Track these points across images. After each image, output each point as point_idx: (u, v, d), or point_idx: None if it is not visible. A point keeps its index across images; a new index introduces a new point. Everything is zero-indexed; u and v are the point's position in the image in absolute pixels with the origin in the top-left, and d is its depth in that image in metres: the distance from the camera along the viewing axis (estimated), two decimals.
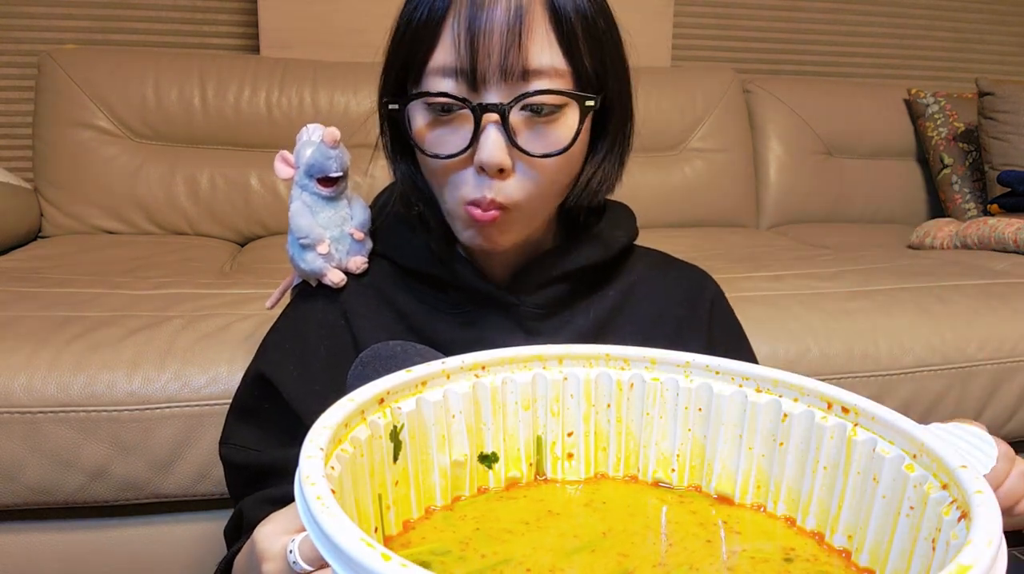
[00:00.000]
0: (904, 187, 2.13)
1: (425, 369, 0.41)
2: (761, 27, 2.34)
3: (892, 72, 2.48)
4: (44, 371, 0.89)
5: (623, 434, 0.46)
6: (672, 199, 1.90)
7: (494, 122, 0.54)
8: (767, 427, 0.43)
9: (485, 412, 0.44)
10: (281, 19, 1.80)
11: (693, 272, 0.73)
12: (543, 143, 0.55)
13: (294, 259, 0.65)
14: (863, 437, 0.39)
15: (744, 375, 0.44)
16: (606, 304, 0.66)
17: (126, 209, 1.60)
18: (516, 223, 0.58)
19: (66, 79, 1.60)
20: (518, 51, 0.53)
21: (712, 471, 0.44)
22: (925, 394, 1.15)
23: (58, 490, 0.91)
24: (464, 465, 0.43)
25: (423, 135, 0.57)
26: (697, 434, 0.45)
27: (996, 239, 1.61)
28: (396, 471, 0.40)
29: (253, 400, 0.66)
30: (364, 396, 0.38)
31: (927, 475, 0.35)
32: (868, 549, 0.38)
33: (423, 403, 0.41)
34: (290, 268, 0.69)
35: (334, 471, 0.33)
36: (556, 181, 0.58)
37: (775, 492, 0.42)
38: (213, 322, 0.99)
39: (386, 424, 0.39)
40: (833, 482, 0.40)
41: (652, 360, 0.45)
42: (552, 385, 0.45)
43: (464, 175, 0.56)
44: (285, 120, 1.67)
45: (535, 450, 0.45)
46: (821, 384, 0.42)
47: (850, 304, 1.19)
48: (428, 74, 0.55)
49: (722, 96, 1.98)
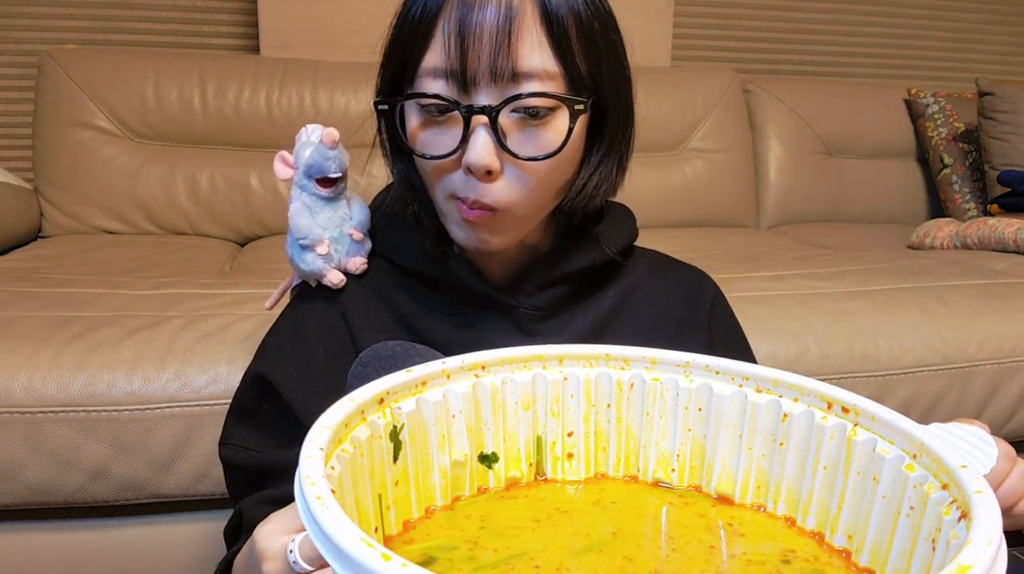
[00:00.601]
0: (904, 187, 2.13)
1: (425, 369, 0.42)
2: (761, 27, 2.34)
3: (892, 72, 2.48)
4: (44, 371, 0.89)
5: (623, 434, 0.46)
6: (672, 199, 1.90)
7: (483, 124, 0.54)
8: (767, 427, 0.43)
9: (485, 412, 0.44)
10: (281, 19, 1.80)
11: (693, 273, 0.73)
12: (533, 146, 0.55)
13: (293, 260, 0.65)
14: (863, 437, 0.39)
15: (744, 375, 0.44)
16: (605, 305, 0.66)
17: (126, 209, 1.60)
18: (506, 224, 0.58)
19: (66, 79, 1.60)
20: (508, 53, 0.52)
21: (712, 471, 0.44)
22: (925, 394, 1.15)
23: (58, 490, 0.91)
24: (464, 465, 0.43)
25: (415, 135, 0.57)
26: (697, 434, 0.45)
27: (996, 239, 1.61)
28: (396, 471, 0.40)
29: (252, 401, 0.66)
30: (364, 396, 0.38)
31: (927, 475, 0.35)
32: (868, 549, 0.38)
33: (423, 403, 0.41)
34: (290, 269, 0.69)
35: (334, 471, 0.33)
36: (547, 184, 0.58)
37: (775, 492, 0.42)
38: (213, 322, 0.99)
39: (386, 424, 0.39)
40: (833, 482, 0.40)
41: (652, 360, 0.45)
42: (552, 385, 0.45)
43: (455, 175, 0.57)
44: (285, 120, 1.67)
45: (535, 450, 0.46)
46: (821, 384, 0.42)
47: (850, 304, 1.19)
48: (421, 75, 0.55)
49: (722, 96, 1.98)
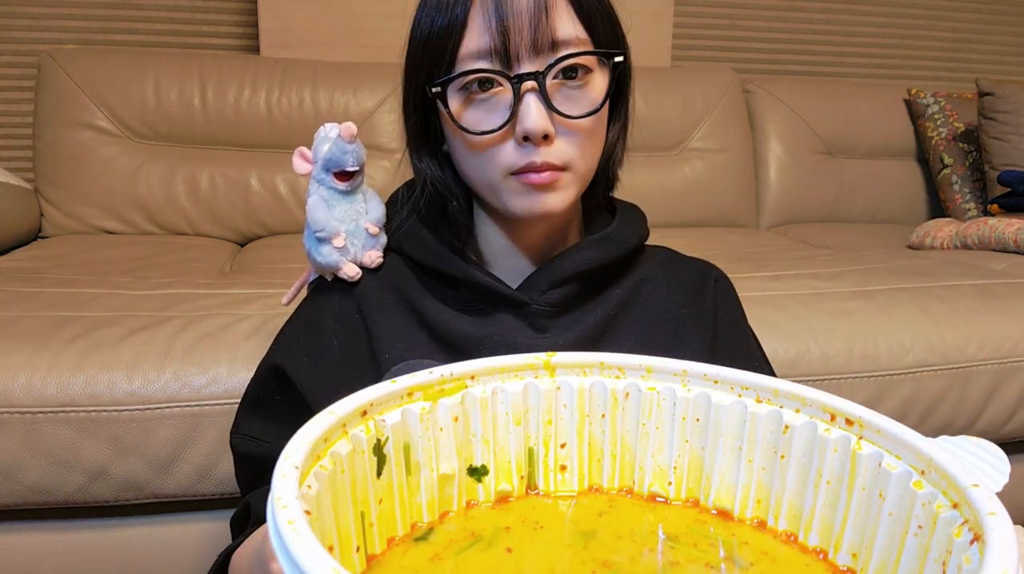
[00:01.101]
0: (904, 187, 2.13)
1: (411, 379, 0.40)
2: (761, 27, 2.34)
3: (892, 72, 2.48)
4: (44, 371, 0.89)
5: (618, 446, 0.44)
6: (672, 199, 1.90)
7: (532, 90, 0.57)
8: (768, 439, 0.41)
9: (475, 423, 0.42)
10: (281, 19, 1.80)
11: (699, 264, 0.74)
12: (578, 105, 0.60)
13: (310, 253, 0.66)
14: (868, 451, 0.37)
15: (744, 384, 0.42)
16: (613, 302, 0.67)
17: (126, 209, 1.60)
18: (570, 185, 0.61)
19: (66, 79, 1.60)
20: (546, 24, 0.57)
21: (711, 485, 0.43)
22: (925, 394, 1.15)
23: (58, 490, 0.91)
24: (452, 479, 0.41)
25: (460, 117, 0.60)
26: (695, 446, 0.43)
27: (996, 239, 1.61)
28: (380, 487, 0.38)
29: (265, 391, 0.67)
30: (346, 408, 0.36)
31: (936, 493, 0.34)
32: (874, 569, 0.36)
33: (409, 415, 0.39)
34: (305, 266, 0.71)
35: (311, 490, 0.31)
36: (594, 144, 0.63)
37: (776, 507, 0.41)
38: (213, 322, 0.99)
39: (369, 438, 0.37)
40: (836, 497, 0.38)
41: (648, 368, 0.44)
42: (544, 395, 0.44)
43: (506, 150, 0.59)
44: (285, 120, 1.66)
45: (527, 462, 0.44)
46: (824, 394, 0.40)
47: (850, 304, 1.19)
48: (461, 59, 0.59)
49: (722, 96, 1.99)
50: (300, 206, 1.66)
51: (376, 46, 1.85)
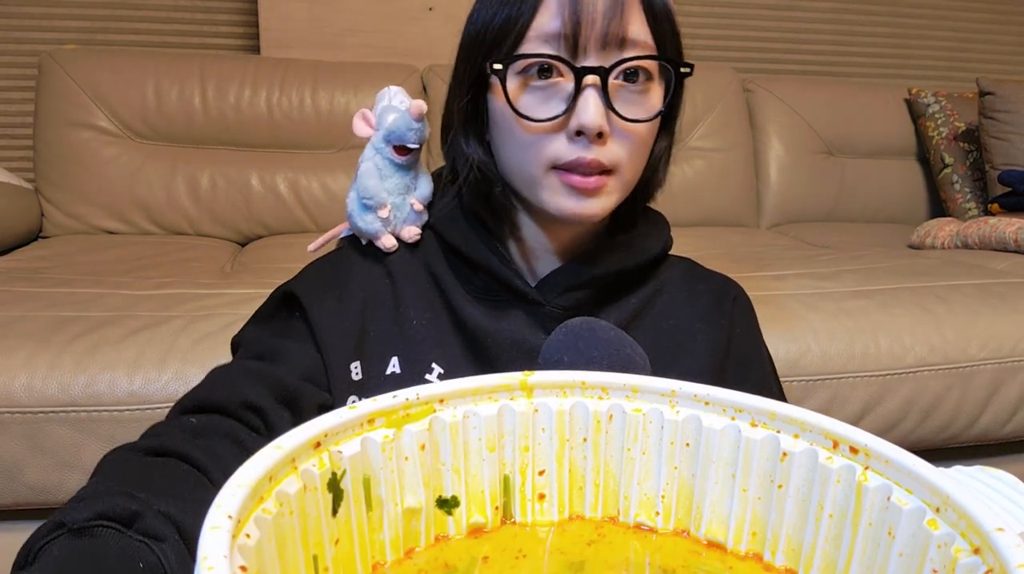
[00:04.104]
0: (905, 187, 2.13)
1: (372, 405, 0.36)
2: (761, 27, 2.34)
3: (892, 72, 2.48)
4: (45, 371, 0.89)
5: (601, 473, 0.40)
6: (672, 198, 1.88)
7: (593, 85, 0.56)
8: (764, 466, 0.38)
9: (444, 451, 0.38)
10: (281, 19, 1.80)
11: (720, 279, 0.73)
12: (636, 109, 0.58)
13: (352, 215, 0.66)
14: (875, 483, 0.33)
15: (737, 406, 0.38)
16: (628, 310, 0.67)
17: (126, 209, 1.60)
18: (614, 191, 0.60)
19: (66, 79, 1.60)
20: (620, 20, 0.56)
21: (701, 515, 0.39)
22: (925, 394, 1.15)
23: (58, 490, 0.91)
24: (419, 512, 0.37)
25: (516, 101, 0.58)
26: (684, 473, 0.39)
27: (997, 239, 1.61)
28: (336, 526, 0.34)
29: (273, 309, 0.66)
30: (294, 442, 0.31)
31: (954, 535, 0.30)
32: None
33: (369, 444, 0.35)
34: (342, 218, 0.70)
35: (250, 540, 0.28)
36: (643, 152, 0.62)
37: (773, 541, 0.37)
38: (214, 322, 0.99)
39: (323, 472, 0.33)
40: (840, 533, 0.35)
41: (634, 388, 0.40)
42: (521, 418, 0.40)
43: (555, 142, 0.58)
44: (285, 120, 1.66)
45: (502, 492, 0.40)
46: (826, 419, 0.36)
47: (851, 303, 1.19)
48: (528, 39, 0.57)
49: (722, 95, 1.98)
50: (301, 206, 1.66)
51: (376, 46, 1.85)
